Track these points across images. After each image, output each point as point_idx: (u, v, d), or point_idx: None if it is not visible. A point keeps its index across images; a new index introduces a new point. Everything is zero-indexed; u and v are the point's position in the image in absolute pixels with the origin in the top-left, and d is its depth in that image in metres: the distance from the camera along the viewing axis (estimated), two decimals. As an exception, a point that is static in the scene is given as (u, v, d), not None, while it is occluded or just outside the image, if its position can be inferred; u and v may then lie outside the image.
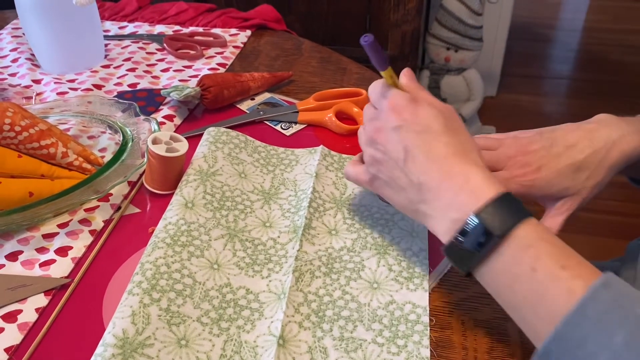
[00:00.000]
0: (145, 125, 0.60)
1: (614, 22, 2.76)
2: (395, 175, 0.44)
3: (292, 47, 0.85)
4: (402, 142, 0.43)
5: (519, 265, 0.38)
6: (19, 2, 0.73)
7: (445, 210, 0.41)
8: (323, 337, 0.43)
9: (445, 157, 0.42)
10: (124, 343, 0.40)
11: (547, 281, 0.37)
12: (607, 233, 1.61)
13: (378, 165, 0.46)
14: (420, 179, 0.42)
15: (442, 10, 1.79)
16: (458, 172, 0.42)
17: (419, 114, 0.44)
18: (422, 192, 0.43)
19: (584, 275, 0.36)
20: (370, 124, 0.46)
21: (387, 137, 0.45)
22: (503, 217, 0.39)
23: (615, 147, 0.50)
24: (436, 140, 0.43)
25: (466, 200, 0.40)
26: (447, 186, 0.41)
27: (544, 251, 0.38)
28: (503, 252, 0.39)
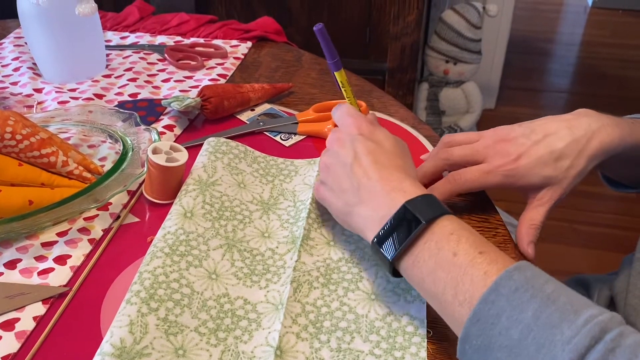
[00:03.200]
0: (146, 135, 0.61)
1: (612, 36, 2.78)
2: (340, 178, 0.47)
3: (293, 59, 0.86)
4: (354, 149, 0.47)
5: (442, 250, 0.40)
6: (22, 12, 0.74)
7: (377, 208, 0.44)
8: (320, 348, 0.43)
9: (388, 167, 0.46)
10: (121, 352, 0.40)
11: (465, 265, 0.39)
12: (605, 246, 1.61)
13: (327, 171, 0.49)
14: (361, 181, 0.46)
15: (441, 24, 1.80)
16: (393, 177, 0.45)
17: (376, 133, 0.49)
18: (360, 193, 0.45)
19: (499, 261, 0.39)
20: (332, 135, 0.50)
21: (341, 144, 0.48)
22: (429, 208, 0.42)
23: (595, 137, 0.50)
24: (384, 154, 0.47)
25: (396, 197, 0.44)
26: (381, 187, 0.45)
27: (465, 238, 0.40)
28: (428, 238, 0.41)
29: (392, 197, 0.43)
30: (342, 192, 0.47)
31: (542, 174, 0.50)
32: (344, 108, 0.52)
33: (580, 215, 1.71)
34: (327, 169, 0.49)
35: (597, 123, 0.51)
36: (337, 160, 0.48)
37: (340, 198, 0.47)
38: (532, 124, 0.53)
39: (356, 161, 0.46)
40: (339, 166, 0.48)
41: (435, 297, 0.41)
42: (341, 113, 0.51)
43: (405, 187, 0.44)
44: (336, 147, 0.49)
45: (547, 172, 0.50)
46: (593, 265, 1.54)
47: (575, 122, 0.51)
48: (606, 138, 0.50)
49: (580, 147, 0.50)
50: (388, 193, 0.44)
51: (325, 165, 0.49)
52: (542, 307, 0.35)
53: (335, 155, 0.48)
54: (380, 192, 0.44)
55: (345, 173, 0.47)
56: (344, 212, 0.47)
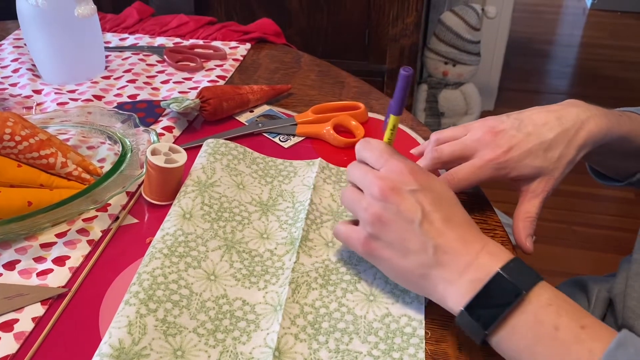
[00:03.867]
0: (145, 136, 0.61)
1: (611, 38, 2.78)
2: (405, 236, 0.42)
3: (291, 61, 0.86)
4: (420, 204, 0.42)
5: (542, 324, 0.38)
6: (21, 13, 0.74)
7: (463, 272, 0.41)
8: (319, 349, 0.43)
9: (461, 224, 0.43)
10: (120, 353, 0.40)
11: (569, 342, 0.37)
12: (603, 248, 1.61)
13: (382, 226, 0.43)
14: (436, 241, 0.42)
15: (440, 25, 1.81)
16: (474, 239, 0.42)
17: (433, 182, 0.45)
18: (437, 255, 0.42)
19: (602, 336, 0.37)
20: (378, 180, 0.44)
21: (402, 197, 0.43)
22: (525, 275, 0.40)
23: (584, 127, 0.50)
24: (449, 207, 0.44)
25: (486, 262, 0.41)
26: (465, 250, 0.41)
27: (564, 310, 0.38)
28: (526, 309, 0.39)
29: (481, 261, 0.41)
30: (410, 252, 0.42)
31: (533, 164, 0.50)
32: (384, 147, 0.46)
33: (578, 216, 1.71)
34: (382, 224, 0.43)
35: (586, 113, 0.51)
36: (399, 217, 0.42)
37: (408, 258, 0.43)
38: (521, 114, 0.53)
39: (425, 218, 0.42)
40: (402, 222, 0.42)
41: None
42: (382, 152, 0.46)
43: (490, 248, 0.42)
44: (393, 199, 0.43)
45: (538, 163, 0.50)
46: (591, 266, 1.54)
47: (564, 112, 0.51)
48: (594, 128, 0.50)
49: (570, 137, 0.50)
50: (475, 256, 0.41)
51: (378, 218, 0.43)
52: None
53: (394, 210, 0.43)
54: (465, 254, 0.41)
55: (413, 231, 0.42)
56: (416, 274, 0.43)
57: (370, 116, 0.71)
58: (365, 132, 0.67)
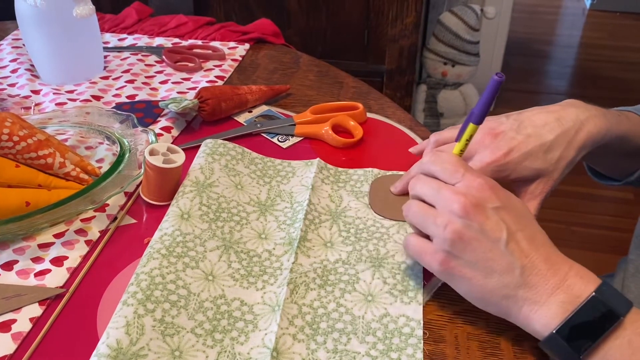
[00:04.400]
0: (143, 137, 0.61)
1: (610, 38, 2.79)
2: (489, 256, 0.41)
3: (290, 61, 0.86)
4: (505, 223, 0.41)
5: (637, 351, 0.37)
6: (20, 13, 0.74)
7: (552, 293, 0.40)
8: (317, 349, 0.43)
9: (544, 244, 0.42)
10: (117, 353, 0.40)
11: None
12: (602, 248, 1.61)
13: (464, 244, 0.41)
14: (523, 262, 0.41)
15: (439, 26, 1.81)
16: (560, 260, 0.42)
17: (513, 199, 0.44)
18: (524, 275, 0.41)
19: None
20: (459, 196, 0.42)
21: (486, 215, 0.41)
22: (618, 299, 0.39)
23: (583, 128, 0.50)
24: (533, 226, 0.43)
25: (575, 284, 0.40)
26: (552, 271, 0.41)
27: None
28: (620, 335, 0.38)
29: (570, 283, 0.40)
30: (493, 272, 0.41)
31: (532, 166, 0.50)
32: (458, 161, 0.44)
33: (577, 217, 1.71)
34: (464, 242, 0.41)
35: (585, 114, 0.51)
36: (483, 236, 0.41)
37: (491, 279, 0.41)
38: (520, 115, 0.52)
39: (511, 238, 0.41)
40: (487, 242, 0.41)
41: None
42: (457, 166, 0.43)
43: (578, 271, 0.41)
44: (477, 217, 0.41)
45: (538, 165, 0.50)
46: (590, 267, 1.53)
47: (564, 113, 0.51)
48: (594, 129, 0.50)
49: (569, 138, 0.50)
50: (564, 278, 0.40)
51: (460, 236, 0.41)
52: None
53: (478, 227, 0.41)
54: (553, 276, 0.40)
55: (499, 251, 0.41)
56: (500, 294, 0.41)
57: (368, 116, 0.71)
58: (364, 133, 0.67)
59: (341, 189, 0.58)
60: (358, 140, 0.66)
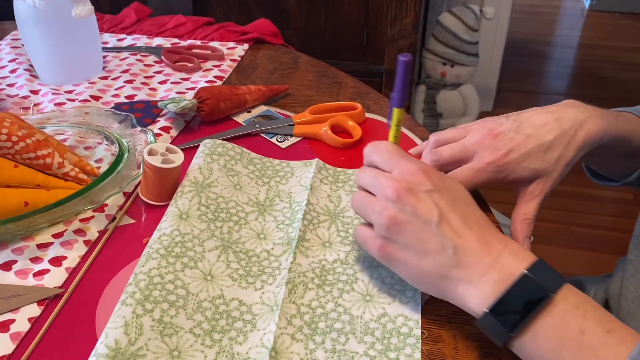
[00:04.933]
0: (142, 137, 0.61)
1: (609, 39, 2.79)
2: (422, 237, 0.42)
3: (289, 61, 0.86)
4: (436, 205, 0.42)
5: (568, 327, 0.38)
6: (19, 13, 0.74)
7: (485, 272, 0.40)
8: (315, 349, 0.43)
9: (479, 224, 0.42)
10: (116, 353, 0.40)
11: (596, 346, 0.37)
12: (601, 248, 1.61)
13: (398, 228, 0.42)
14: (456, 242, 0.41)
15: (438, 26, 1.81)
16: (494, 238, 0.42)
17: (448, 182, 0.44)
18: (457, 255, 0.41)
19: (627, 341, 0.37)
20: (392, 182, 0.43)
21: (417, 198, 0.42)
22: (551, 276, 0.39)
23: (582, 128, 0.50)
24: (467, 207, 0.43)
25: (509, 262, 0.40)
26: (486, 250, 0.41)
27: (590, 313, 0.38)
28: (551, 312, 0.38)
29: (504, 262, 0.40)
30: (427, 253, 0.42)
31: (532, 167, 0.50)
32: (394, 149, 0.45)
33: (576, 217, 1.71)
34: (398, 226, 0.42)
35: (584, 114, 0.51)
36: (416, 219, 0.42)
37: (426, 260, 0.42)
38: (520, 116, 0.52)
39: (443, 219, 0.42)
40: (419, 224, 0.42)
41: None
42: (392, 154, 0.45)
43: (512, 249, 0.41)
44: (408, 200, 0.42)
45: (537, 165, 0.50)
46: (589, 267, 1.54)
47: (563, 114, 0.51)
48: (593, 129, 0.50)
49: (568, 138, 0.50)
50: (497, 256, 0.40)
51: (394, 221, 0.42)
52: None
53: (411, 211, 0.42)
54: (486, 255, 0.41)
55: (431, 232, 0.41)
56: (435, 275, 0.42)
57: (367, 116, 0.71)
58: (363, 133, 0.67)
59: (340, 189, 0.58)
60: (357, 141, 0.66)
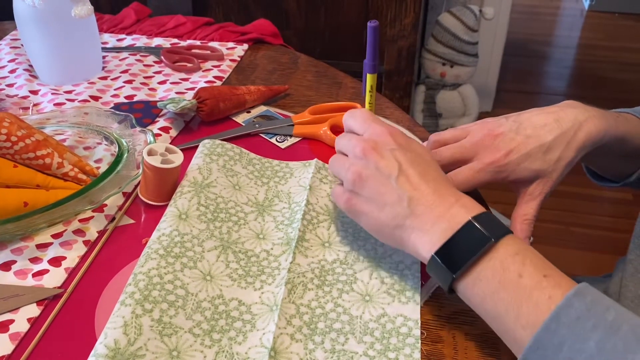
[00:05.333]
0: (141, 137, 0.61)
1: (609, 39, 2.79)
2: (382, 190, 0.45)
3: (289, 61, 0.86)
4: (397, 160, 0.45)
5: (507, 271, 0.39)
6: (18, 14, 0.74)
7: (436, 221, 0.43)
8: (314, 349, 0.43)
9: (436, 179, 0.45)
10: (115, 354, 0.40)
11: (530, 288, 0.38)
12: (600, 248, 1.61)
13: (362, 182, 0.45)
14: (411, 194, 0.44)
15: (438, 27, 1.81)
16: (449, 193, 0.44)
17: (412, 143, 0.47)
18: (411, 206, 0.43)
19: (562, 285, 0.38)
20: (361, 142, 0.47)
21: (381, 155, 0.45)
22: (495, 226, 0.41)
23: (582, 128, 0.51)
24: (428, 165, 0.46)
25: (458, 212, 0.42)
26: (439, 201, 0.43)
27: (529, 259, 0.40)
28: (492, 257, 0.40)
29: (454, 212, 0.42)
30: (386, 205, 0.44)
31: (532, 167, 0.51)
32: (368, 115, 0.49)
33: (576, 217, 1.71)
34: (362, 180, 0.45)
35: (584, 115, 0.51)
36: (378, 173, 0.45)
37: (384, 211, 0.44)
38: (519, 117, 0.53)
39: (402, 173, 0.44)
40: (380, 177, 0.45)
41: (495, 318, 0.40)
42: (365, 119, 0.49)
43: (464, 202, 0.43)
44: (372, 157, 0.45)
45: (537, 166, 0.51)
46: (589, 267, 1.54)
47: (562, 114, 0.51)
48: (593, 129, 0.51)
49: (568, 138, 0.50)
50: (448, 207, 0.43)
51: (359, 175, 0.46)
52: (604, 337, 0.34)
53: (374, 166, 0.45)
54: (438, 206, 0.43)
55: (390, 185, 0.44)
56: (391, 225, 0.44)
57: (367, 117, 0.71)
58: (362, 133, 0.67)
59: None
60: (346, 112, 0.66)
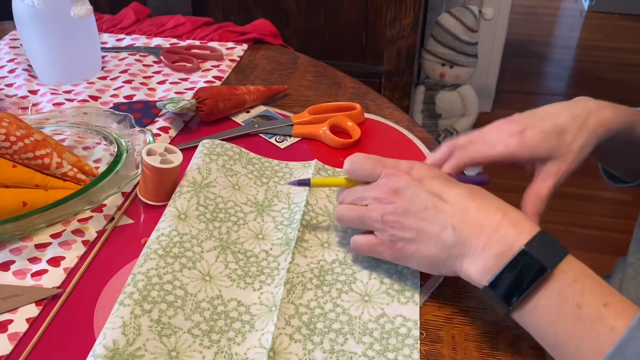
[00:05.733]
0: (140, 137, 0.61)
1: (608, 40, 2.79)
2: (422, 225, 0.44)
3: (288, 61, 0.86)
4: (427, 191, 0.44)
5: (565, 301, 0.38)
6: (17, 14, 0.74)
7: (486, 246, 0.41)
8: (313, 349, 0.43)
9: (472, 197, 0.43)
10: (114, 354, 0.40)
11: (591, 319, 0.37)
12: (600, 249, 1.61)
13: (400, 224, 0.45)
14: (453, 221, 0.42)
15: (437, 27, 1.81)
16: (493, 207, 0.42)
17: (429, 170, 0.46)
18: (456, 233, 0.42)
19: (624, 314, 0.37)
20: (379, 191, 0.46)
21: (408, 193, 0.45)
22: (550, 250, 0.39)
23: (593, 114, 0.52)
24: (454, 184, 0.44)
25: (508, 233, 0.40)
26: (484, 220, 0.42)
27: (588, 287, 0.38)
28: (549, 286, 0.39)
29: (503, 233, 0.40)
30: (430, 238, 0.43)
31: (547, 145, 0.51)
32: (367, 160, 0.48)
33: (575, 217, 1.71)
34: (397, 222, 0.45)
35: (595, 103, 0.53)
36: (412, 208, 0.44)
37: (430, 244, 0.44)
38: (533, 109, 0.54)
39: (436, 200, 0.43)
40: (416, 214, 0.44)
41: (555, 347, 0.39)
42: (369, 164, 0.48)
43: (512, 217, 0.41)
44: (399, 198, 0.45)
45: (552, 144, 0.50)
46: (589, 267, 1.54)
47: (574, 104, 0.53)
48: (603, 115, 0.52)
49: (581, 122, 0.51)
50: (496, 227, 0.41)
51: (394, 219, 0.45)
52: None
53: (405, 206, 0.44)
54: (485, 226, 0.41)
55: (429, 218, 0.43)
56: (442, 257, 0.43)
57: (366, 117, 0.71)
58: (362, 133, 0.67)
59: (339, 190, 0.58)
60: (356, 141, 0.66)
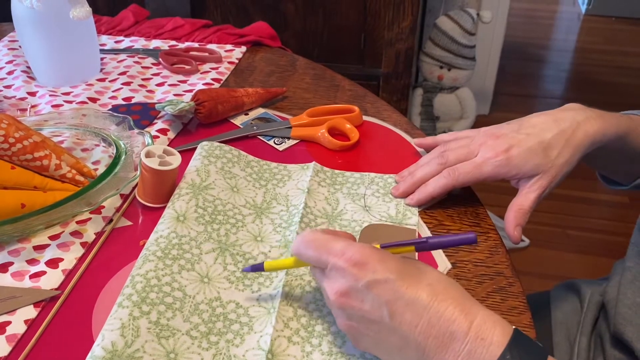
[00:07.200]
0: (139, 139, 0.61)
1: (606, 43, 2.80)
2: (383, 337, 0.38)
3: (287, 64, 0.86)
4: (380, 298, 0.37)
5: None
6: (16, 15, 0.74)
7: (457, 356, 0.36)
8: (312, 351, 0.43)
9: (433, 298, 0.37)
10: (112, 355, 0.40)
11: None
12: (597, 252, 1.61)
13: (359, 333, 0.40)
14: (416, 336, 0.37)
15: (435, 30, 1.81)
16: (457, 313, 0.37)
17: (384, 257, 0.39)
18: (421, 349, 0.37)
19: None
20: (330, 290, 0.39)
21: (360, 299, 0.38)
22: (529, 356, 0.35)
23: (580, 128, 0.52)
24: (416, 284, 0.37)
25: (479, 351, 0.35)
26: (450, 337, 0.36)
27: None
28: None
29: (471, 349, 0.35)
30: (397, 349, 0.38)
31: (532, 162, 0.52)
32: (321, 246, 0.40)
33: (572, 220, 1.72)
34: (358, 332, 0.39)
35: (582, 115, 0.53)
36: (369, 319, 0.38)
37: (396, 356, 0.39)
38: (520, 120, 0.55)
39: (394, 311, 0.37)
40: (374, 326, 0.38)
41: None
42: (322, 254, 0.40)
43: (478, 332, 0.36)
44: (351, 304, 0.39)
45: (537, 161, 0.52)
46: (585, 270, 1.54)
47: (561, 115, 0.53)
48: (590, 129, 0.52)
49: (567, 137, 0.52)
50: (463, 340, 0.36)
51: (349, 328, 0.40)
52: None
53: (359, 315, 0.39)
54: (453, 345, 0.36)
55: (388, 330, 0.38)
56: None
57: (365, 119, 0.72)
58: (360, 135, 0.67)
59: (338, 192, 0.58)
60: (354, 143, 0.66)
